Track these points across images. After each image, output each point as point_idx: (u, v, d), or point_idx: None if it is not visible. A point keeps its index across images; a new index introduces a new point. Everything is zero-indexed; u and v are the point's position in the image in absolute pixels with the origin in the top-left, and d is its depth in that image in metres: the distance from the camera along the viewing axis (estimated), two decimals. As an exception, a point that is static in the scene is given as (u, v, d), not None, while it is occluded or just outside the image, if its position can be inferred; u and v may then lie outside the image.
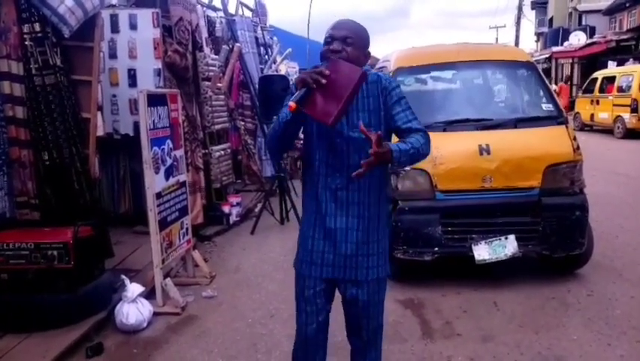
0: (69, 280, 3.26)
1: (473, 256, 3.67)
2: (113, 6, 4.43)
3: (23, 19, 3.44)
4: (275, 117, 1.89)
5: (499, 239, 3.69)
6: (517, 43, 29.73)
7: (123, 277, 3.53)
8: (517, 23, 31.08)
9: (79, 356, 3.05)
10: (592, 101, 14.91)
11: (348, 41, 1.79)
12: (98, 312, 3.41)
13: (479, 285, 3.89)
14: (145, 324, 3.38)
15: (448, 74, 4.93)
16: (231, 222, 5.80)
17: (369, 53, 1.88)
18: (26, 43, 3.45)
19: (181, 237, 4.00)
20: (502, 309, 3.54)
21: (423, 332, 3.26)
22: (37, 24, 3.45)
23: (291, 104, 1.67)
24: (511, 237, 3.69)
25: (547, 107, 4.22)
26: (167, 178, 3.78)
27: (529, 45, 39.06)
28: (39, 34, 3.47)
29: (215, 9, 6.96)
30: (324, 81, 1.65)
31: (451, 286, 3.90)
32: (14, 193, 3.58)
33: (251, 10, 8.16)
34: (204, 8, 6.26)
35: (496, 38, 38.49)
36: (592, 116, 14.90)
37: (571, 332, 3.19)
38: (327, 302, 2.01)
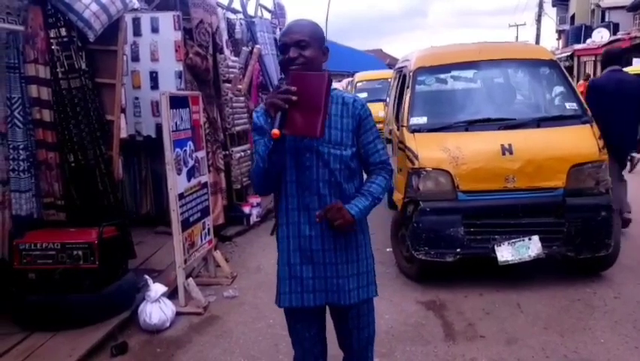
0: (94, 280, 3.32)
1: (496, 258, 3.62)
2: (136, 10, 4.50)
3: (50, 25, 3.51)
4: (255, 155, 1.84)
5: (523, 240, 3.63)
6: (537, 42, 29.28)
7: (146, 277, 3.58)
8: (538, 21, 30.65)
9: (104, 355, 3.11)
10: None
11: (303, 45, 1.74)
12: (122, 312, 3.47)
13: (502, 286, 3.84)
14: (168, 324, 3.42)
15: (469, 73, 4.88)
16: (251, 222, 5.84)
17: (327, 49, 1.84)
18: (53, 47, 3.52)
19: (203, 237, 4.04)
20: (526, 311, 3.48)
21: (445, 334, 3.23)
22: (63, 29, 3.53)
23: (275, 131, 1.62)
24: (535, 238, 3.63)
25: (570, 106, 4.14)
26: (189, 179, 3.83)
27: (551, 43, 38.49)
28: (65, 39, 3.54)
29: (234, 11, 7.00)
30: (294, 98, 1.62)
31: (473, 287, 3.86)
32: (41, 194, 3.67)
33: (270, 11, 8.21)
34: (224, 11, 6.30)
35: (516, 37, 38.01)
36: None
37: (598, 335, 3.12)
38: (318, 317, 2.00)
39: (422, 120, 4.08)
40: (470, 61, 4.55)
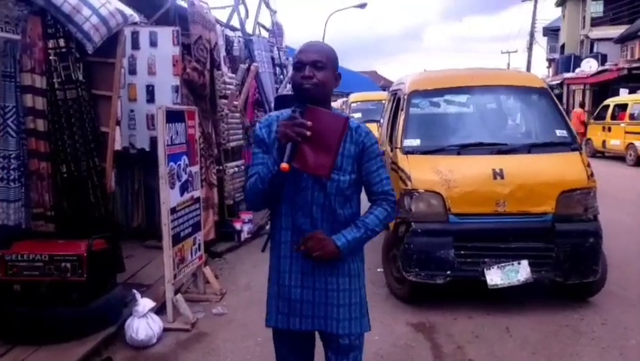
0: (81, 293, 3.27)
1: (485, 281, 3.64)
2: (135, 24, 4.54)
3: (49, 35, 3.53)
4: (252, 173, 1.79)
5: (512, 264, 3.66)
6: (528, 69, 29.90)
7: (134, 291, 3.53)
8: (529, 49, 31.30)
9: (88, 370, 3.05)
10: (604, 127, 14.84)
11: (319, 65, 1.72)
12: (109, 326, 3.41)
13: (491, 309, 3.85)
14: (155, 340, 3.37)
15: (462, 98, 4.96)
16: (242, 238, 5.80)
17: (339, 75, 1.82)
18: (50, 58, 3.53)
19: (193, 253, 4.01)
20: (515, 335, 3.49)
21: (434, 357, 3.22)
22: (62, 40, 3.54)
23: (285, 165, 1.59)
24: (524, 262, 3.66)
25: (560, 133, 4.22)
26: (181, 194, 3.81)
27: (541, 71, 39.36)
28: (63, 50, 3.55)
29: (233, 29, 7.08)
30: (308, 133, 1.60)
31: (463, 309, 3.86)
32: (31, 205, 3.63)
33: (268, 30, 8.30)
34: (223, 28, 6.37)
35: (508, 63, 38.81)
36: (604, 142, 14.82)
37: (585, 362, 3.14)
38: (305, 344, 1.94)
39: (415, 142, 4.13)
40: (463, 86, 4.63)
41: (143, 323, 3.35)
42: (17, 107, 3.56)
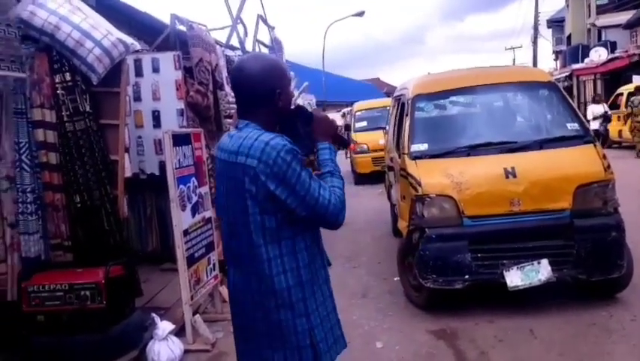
0: (101, 320, 3.29)
1: (505, 283, 3.57)
2: (137, 51, 4.61)
3: (55, 70, 3.61)
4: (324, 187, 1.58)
5: (532, 264, 3.58)
6: (535, 63, 29.59)
7: (153, 315, 3.55)
8: (534, 43, 30.99)
9: (112, 398, 3.06)
10: (619, 117, 14.56)
11: None
12: (130, 351, 3.42)
13: (513, 312, 3.77)
14: (176, 362, 3.37)
15: (468, 98, 4.92)
16: (257, 255, 5.79)
17: None
18: (58, 92, 3.61)
19: (208, 273, 4.02)
20: (540, 337, 3.41)
21: (458, 364, 3.16)
22: (68, 73, 3.61)
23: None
24: (544, 261, 3.57)
25: (572, 126, 4.15)
26: (193, 215, 3.84)
27: (548, 64, 38.99)
28: (70, 83, 3.62)
29: (233, 48, 7.15)
30: None
31: (484, 314, 3.79)
32: (48, 236, 3.68)
33: (267, 47, 8.36)
34: (223, 48, 6.43)
35: (514, 59, 38.52)
36: (620, 132, 14.52)
37: (617, 360, 3.04)
38: None
39: (423, 147, 4.09)
40: (468, 86, 4.59)
41: (164, 346, 3.36)
42: (30, 142, 3.63)
